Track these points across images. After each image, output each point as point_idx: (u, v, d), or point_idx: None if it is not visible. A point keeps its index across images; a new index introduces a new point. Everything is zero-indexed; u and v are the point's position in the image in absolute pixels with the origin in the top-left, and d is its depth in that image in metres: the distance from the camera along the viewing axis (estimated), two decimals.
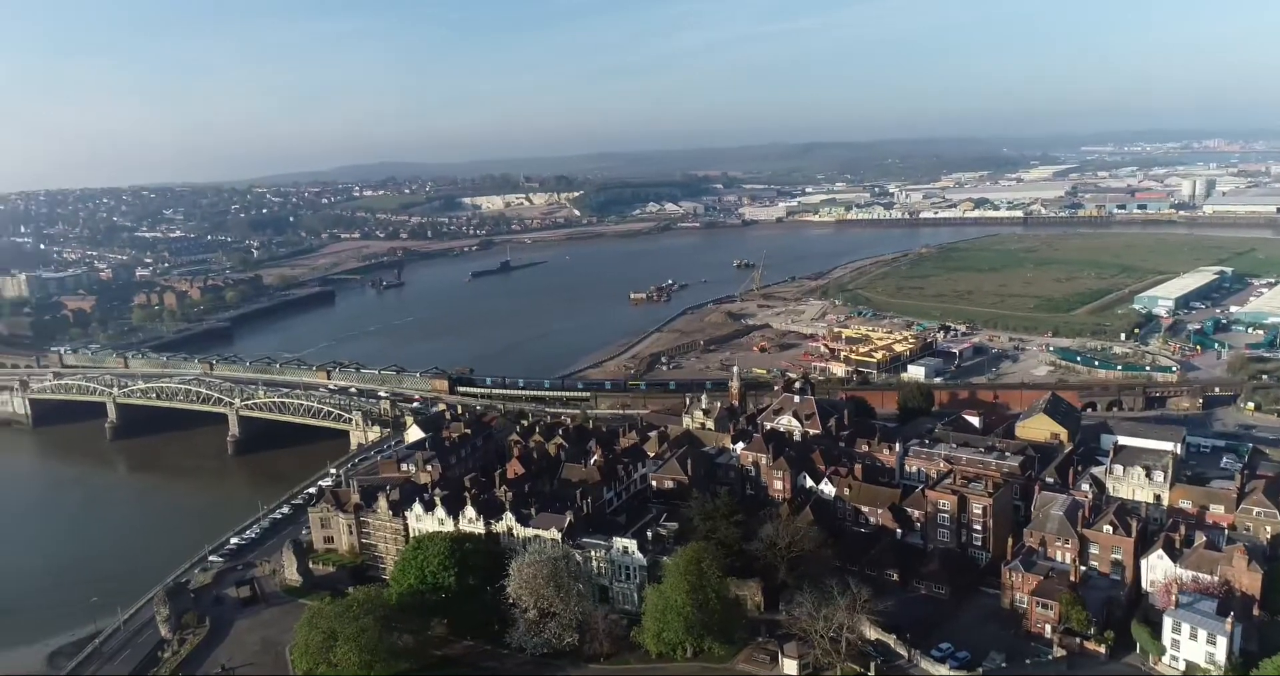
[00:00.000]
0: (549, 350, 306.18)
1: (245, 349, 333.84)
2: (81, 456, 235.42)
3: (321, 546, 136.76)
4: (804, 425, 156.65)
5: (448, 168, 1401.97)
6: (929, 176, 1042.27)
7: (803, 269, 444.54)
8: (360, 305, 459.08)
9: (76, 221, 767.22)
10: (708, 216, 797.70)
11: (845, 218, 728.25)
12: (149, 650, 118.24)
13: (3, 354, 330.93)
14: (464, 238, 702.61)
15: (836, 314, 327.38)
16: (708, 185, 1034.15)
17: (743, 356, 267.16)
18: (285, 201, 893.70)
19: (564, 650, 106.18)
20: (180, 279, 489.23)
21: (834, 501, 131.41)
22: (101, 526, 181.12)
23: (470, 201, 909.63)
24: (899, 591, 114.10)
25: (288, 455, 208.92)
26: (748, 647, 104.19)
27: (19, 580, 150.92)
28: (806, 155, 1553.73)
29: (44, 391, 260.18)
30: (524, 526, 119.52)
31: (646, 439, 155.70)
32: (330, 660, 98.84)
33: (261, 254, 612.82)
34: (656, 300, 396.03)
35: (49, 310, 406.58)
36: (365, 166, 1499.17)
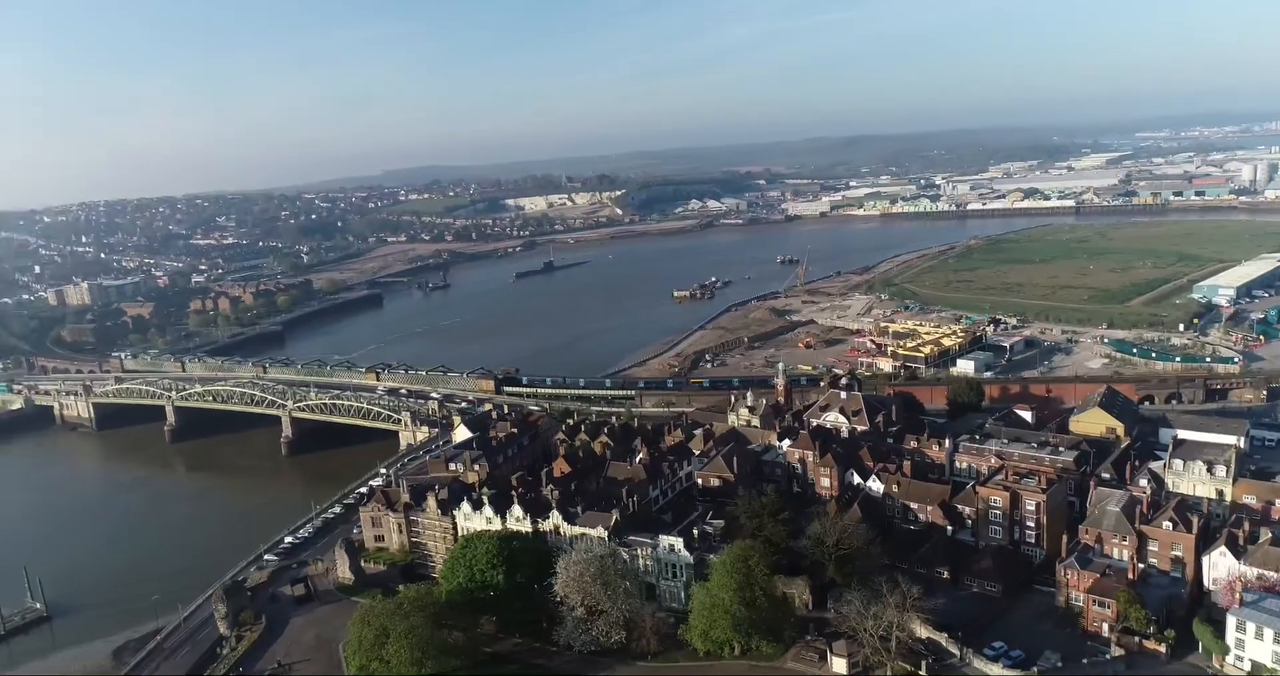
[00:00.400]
0: (593, 349, 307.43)
1: (297, 352, 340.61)
2: (143, 458, 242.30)
3: (372, 545, 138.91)
4: (851, 421, 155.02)
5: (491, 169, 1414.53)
6: (976, 167, 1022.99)
7: (848, 264, 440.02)
8: (407, 307, 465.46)
9: (134, 230, 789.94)
10: (750, 213, 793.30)
11: (890, 211, 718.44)
12: (208, 646, 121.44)
13: (68, 360, 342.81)
14: (508, 239, 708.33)
15: (883, 309, 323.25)
16: (750, 181, 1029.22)
17: (788, 353, 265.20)
18: (333, 207, 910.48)
19: (611, 647, 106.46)
20: (233, 284, 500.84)
21: (882, 498, 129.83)
22: (162, 526, 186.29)
23: (513, 203, 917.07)
24: (950, 589, 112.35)
25: (339, 455, 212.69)
26: (796, 646, 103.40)
27: (86, 578, 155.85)
28: (850, 149, 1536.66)
29: (106, 395, 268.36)
30: (570, 525, 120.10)
31: (692, 436, 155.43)
32: (382, 657, 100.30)
33: (311, 258, 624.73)
34: (700, 298, 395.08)
35: (110, 317, 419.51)
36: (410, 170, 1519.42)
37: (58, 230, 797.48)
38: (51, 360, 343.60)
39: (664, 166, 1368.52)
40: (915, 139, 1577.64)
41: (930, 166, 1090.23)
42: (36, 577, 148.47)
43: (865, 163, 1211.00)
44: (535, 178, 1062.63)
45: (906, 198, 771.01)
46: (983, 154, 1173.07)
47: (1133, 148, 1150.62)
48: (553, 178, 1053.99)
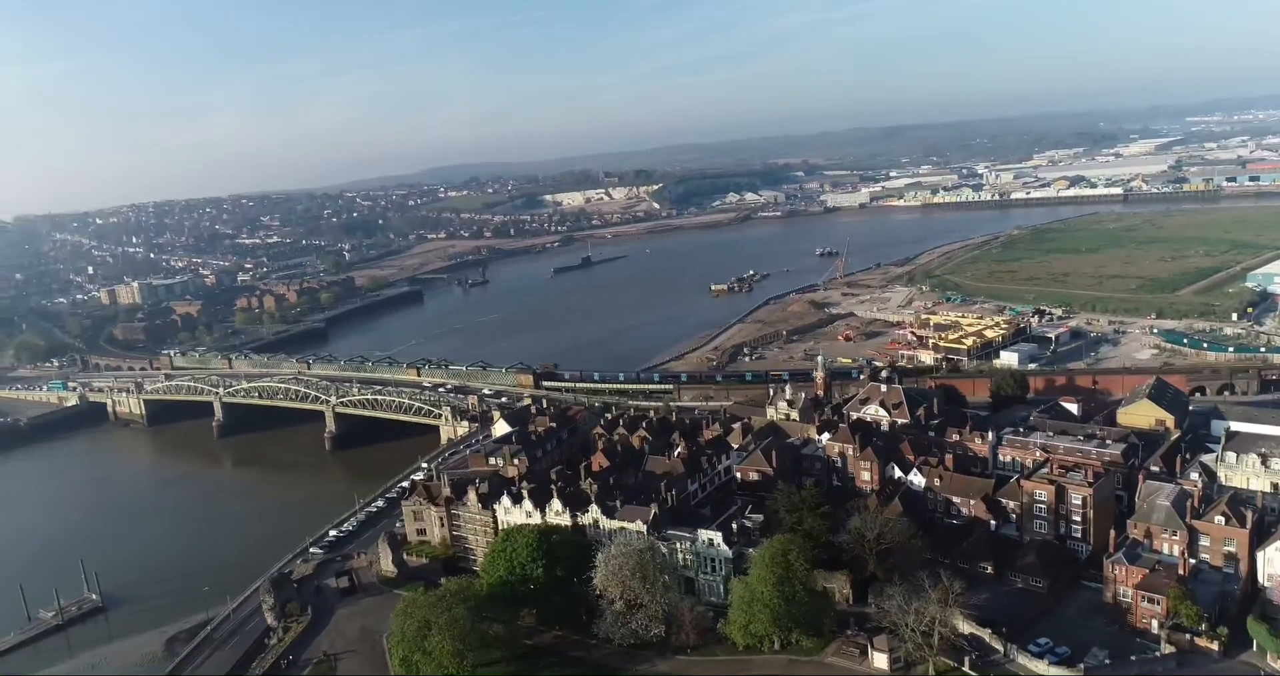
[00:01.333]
0: (631, 343, 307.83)
1: (339, 348, 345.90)
2: (192, 453, 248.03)
3: (415, 538, 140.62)
4: (892, 414, 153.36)
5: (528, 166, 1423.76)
6: (1020, 155, 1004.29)
7: (888, 255, 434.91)
8: (447, 303, 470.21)
9: (182, 230, 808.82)
10: (788, 205, 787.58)
11: (931, 201, 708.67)
12: (256, 637, 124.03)
13: (120, 358, 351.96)
14: (545, 234, 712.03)
15: (924, 300, 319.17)
16: (788, 173, 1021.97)
17: (827, 346, 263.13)
18: (374, 205, 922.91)
19: (651, 641, 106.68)
20: (278, 283, 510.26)
21: (924, 492, 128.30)
22: (211, 519, 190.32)
23: (551, 198, 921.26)
24: (993, 584, 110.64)
25: (381, 450, 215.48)
26: (836, 640, 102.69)
27: (139, 570, 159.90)
28: (890, 139, 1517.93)
29: (157, 392, 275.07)
30: (609, 518, 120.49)
31: (730, 430, 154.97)
32: (425, 648, 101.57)
33: (353, 256, 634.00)
34: (738, 291, 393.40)
35: (159, 315, 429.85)
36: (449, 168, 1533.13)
37: (109, 231, 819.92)
38: (105, 358, 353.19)
39: (703, 160, 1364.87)
40: (957, 127, 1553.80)
41: (972, 155, 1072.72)
42: (93, 570, 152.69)
43: (906, 152, 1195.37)
44: (573, 173, 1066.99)
45: (948, 187, 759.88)
46: (1027, 142, 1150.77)
47: (1183, 133, 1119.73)
48: (590, 173, 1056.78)
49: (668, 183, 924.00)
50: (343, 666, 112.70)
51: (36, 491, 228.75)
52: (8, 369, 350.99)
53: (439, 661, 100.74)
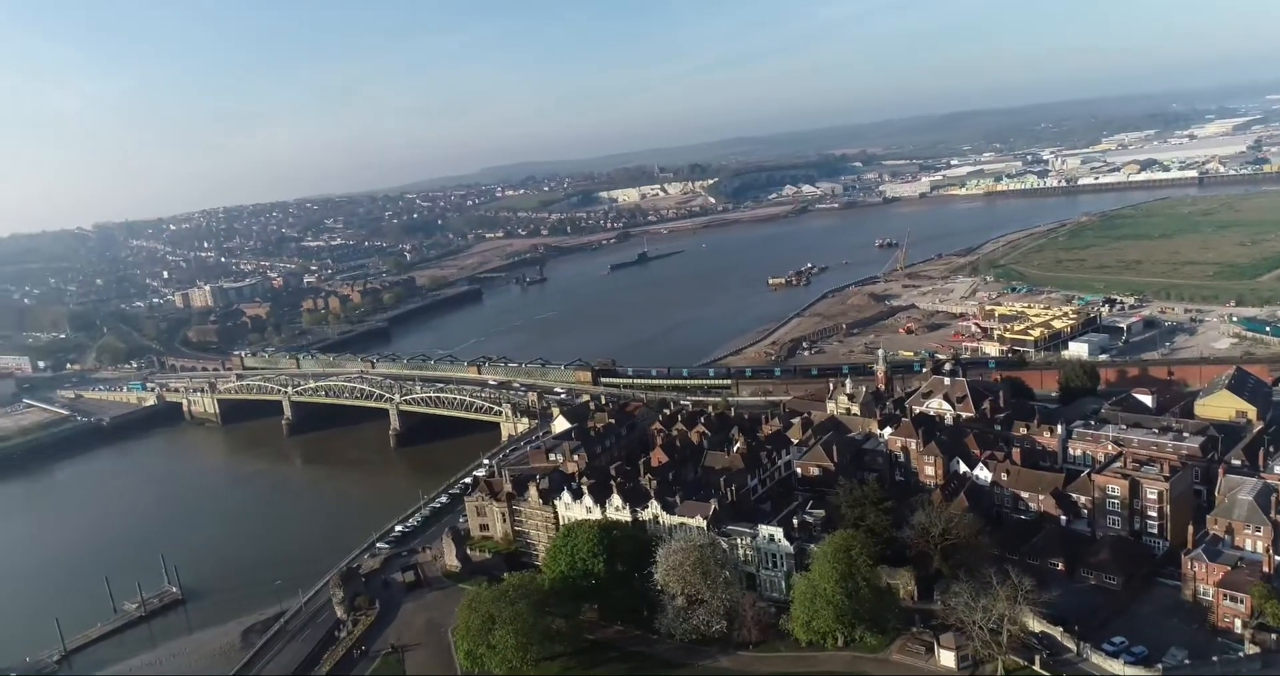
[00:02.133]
0: (688, 339, 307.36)
1: (402, 347, 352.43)
2: (263, 451, 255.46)
3: (478, 534, 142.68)
4: (956, 408, 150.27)
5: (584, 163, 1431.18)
6: (1087, 140, 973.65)
7: (949, 246, 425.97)
8: (506, 302, 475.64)
9: (250, 235, 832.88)
10: (846, 196, 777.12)
11: (995, 189, 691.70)
12: (327, 629, 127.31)
13: (194, 359, 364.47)
14: (602, 231, 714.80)
15: (988, 291, 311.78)
16: (846, 164, 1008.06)
17: (888, 339, 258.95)
18: (434, 206, 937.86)
19: (713, 637, 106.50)
20: (342, 284, 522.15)
21: (990, 487, 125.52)
22: (282, 515, 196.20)
23: (606, 195, 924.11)
24: (1064, 582, 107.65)
25: (444, 447, 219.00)
26: (901, 637, 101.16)
27: (215, 564, 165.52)
28: (951, 126, 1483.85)
29: (229, 392, 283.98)
30: (669, 514, 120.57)
31: (790, 425, 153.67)
32: (489, 642, 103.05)
33: (414, 257, 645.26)
34: (796, 284, 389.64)
35: (230, 317, 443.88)
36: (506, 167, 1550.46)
37: (182, 237, 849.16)
38: (180, 359, 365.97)
39: (759, 153, 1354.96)
40: (1020, 113, 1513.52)
41: (1037, 141, 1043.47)
42: (172, 563, 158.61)
43: (967, 140, 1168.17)
44: (628, 169, 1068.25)
45: (1012, 175, 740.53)
46: (1094, 126, 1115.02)
47: (1262, 111, 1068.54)
48: (645, 169, 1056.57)
49: (723, 176, 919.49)
50: (410, 659, 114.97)
51: (119, 488, 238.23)
52: (91, 370, 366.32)
53: (503, 655, 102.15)
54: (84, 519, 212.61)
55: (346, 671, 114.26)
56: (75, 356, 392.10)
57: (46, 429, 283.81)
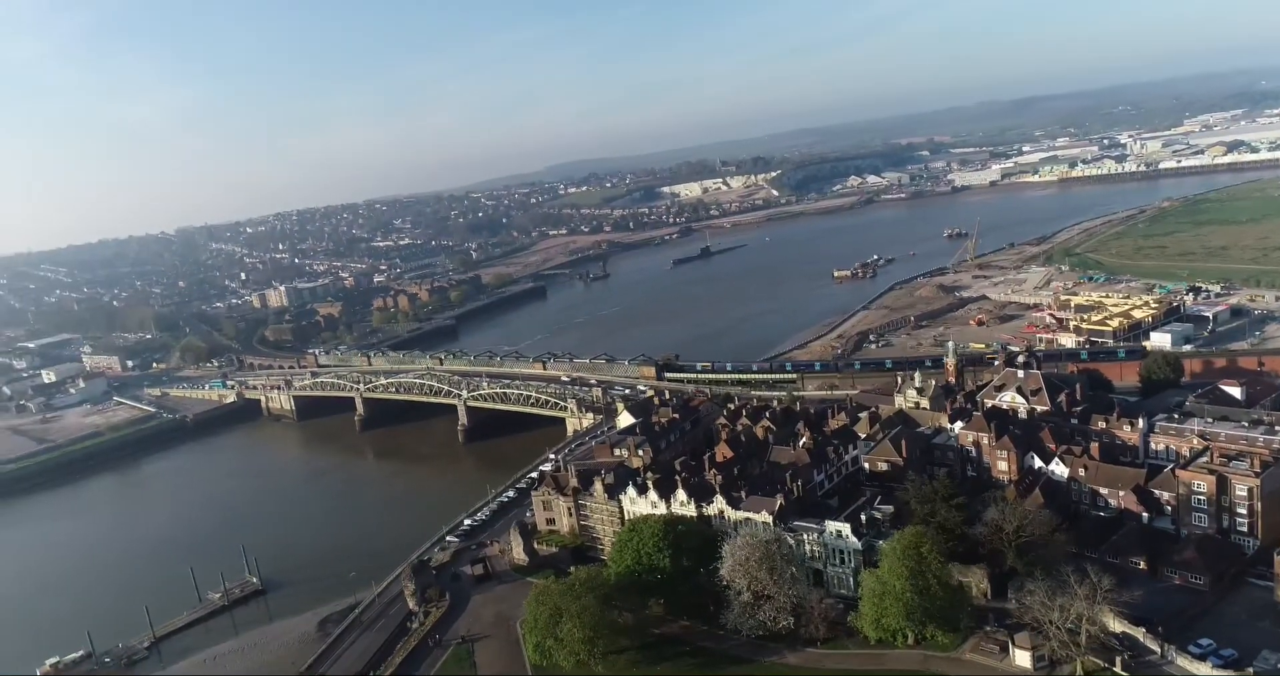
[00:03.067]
0: (753, 333, 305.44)
1: (468, 344, 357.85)
2: (337, 446, 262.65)
3: (544, 528, 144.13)
4: (1030, 401, 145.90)
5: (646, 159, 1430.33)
6: (1169, 121, 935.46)
7: (1022, 234, 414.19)
8: (569, 298, 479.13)
9: (322, 236, 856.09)
10: (913, 186, 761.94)
11: (1069, 175, 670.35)
12: (399, 620, 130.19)
13: (270, 357, 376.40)
14: (664, 226, 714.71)
15: (1063, 281, 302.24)
16: (912, 153, 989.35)
17: (958, 331, 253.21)
18: (498, 204, 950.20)
19: (779, 633, 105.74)
20: (411, 282, 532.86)
21: (1067, 483, 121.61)
22: (356, 508, 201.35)
23: (668, 190, 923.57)
24: (1147, 581, 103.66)
25: (511, 442, 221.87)
26: (975, 636, 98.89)
27: (293, 556, 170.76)
28: (1022, 112, 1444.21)
29: (304, 389, 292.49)
30: (735, 509, 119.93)
31: (857, 420, 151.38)
32: (557, 635, 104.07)
33: (480, 255, 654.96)
34: (862, 277, 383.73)
35: (305, 317, 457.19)
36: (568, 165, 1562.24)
37: (259, 239, 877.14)
38: (257, 358, 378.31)
39: (823, 143, 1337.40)
40: (1096, 96, 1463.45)
41: (1114, 124, 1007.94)
42: (253, 555, 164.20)
43: (1039, 125, 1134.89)
44: (689, 164, 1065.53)
45: (1087, 160, 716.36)
46: (1176, 107, 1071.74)
47: None
48: (707, 163, 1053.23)
49: (786, 169, 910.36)
50: (480, 650, 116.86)
51: (202, 481, 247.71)
52: (175, 369, 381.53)
53: (571, 648, 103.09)
54: (170, 511, 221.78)
55: (420, 660, 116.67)
56: (161, 356, 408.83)
57: (135, 425, 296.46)
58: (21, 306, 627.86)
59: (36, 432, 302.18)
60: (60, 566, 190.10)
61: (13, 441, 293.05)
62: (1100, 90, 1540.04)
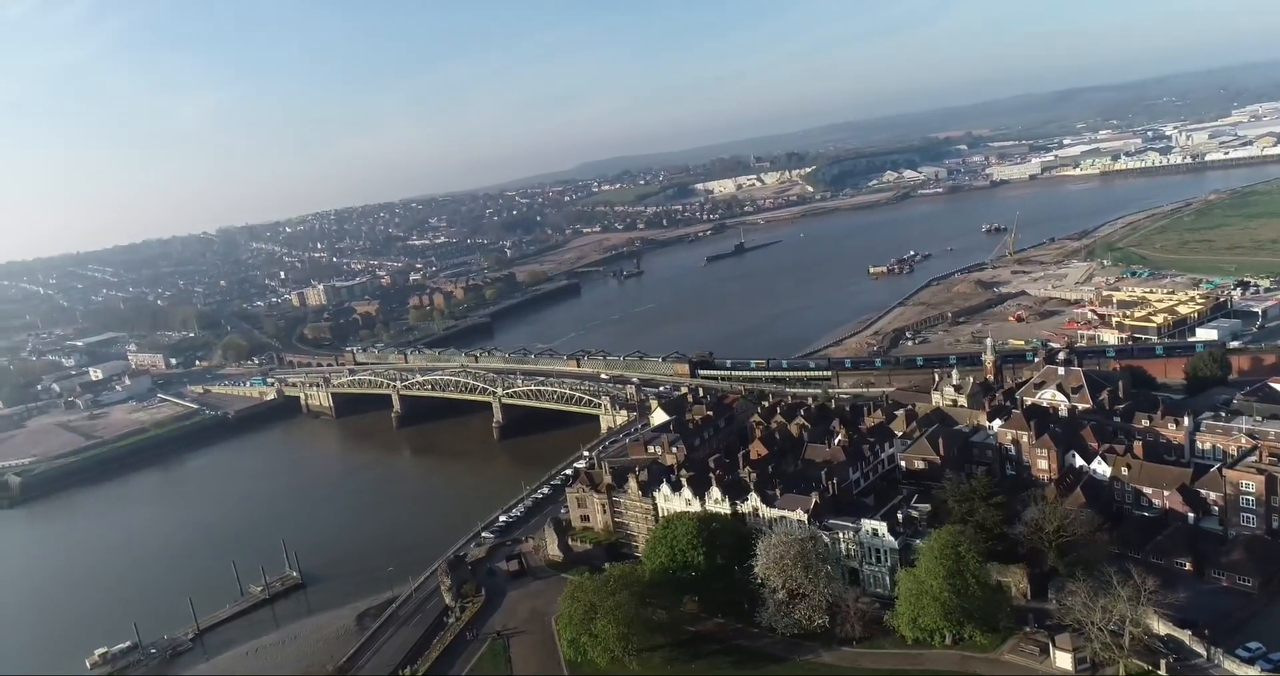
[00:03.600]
0: (787, 330, 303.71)
1: (503, 342, 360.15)
2: (374, 443, 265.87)
3: (579, 524, 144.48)
4: (1071, 399, 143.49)
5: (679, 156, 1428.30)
6: (1216, 112, 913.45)
7: (1062, 229, 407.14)
8: (603, 295, 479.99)
9: (360, 235, 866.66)
10: (951, 180, 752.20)
11: (1112, 168, 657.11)
12: (436, 615, 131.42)
13: (309, 355, 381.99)
14: (697, 223, 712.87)
15: (1105, 276, 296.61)
16: (949, 147, 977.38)
17: (997, 327, 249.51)
18: (532, 202, 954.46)
19: (815, 631, 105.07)
20: (446, 281, 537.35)
21: (1109, 482, 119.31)
22: (393, 503, 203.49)
23: (702, 187, 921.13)
24: (1193, 582, 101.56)
25: (545, 439, 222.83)
26: (1014, 637, 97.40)
27: (332, 550, 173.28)
28: (1062, 104, 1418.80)
29: (342, 386, 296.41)
30: (769, 507, 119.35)
31: (893, 417, 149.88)
32: (591, 631, 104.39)
33: (514, 253, 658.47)
34: (898, 273, 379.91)
35: (342, 315, 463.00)
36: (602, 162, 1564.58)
37: (298, 239, 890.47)
38: (297, 355, 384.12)
39: (858, 139, 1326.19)
40: (1139, 87, 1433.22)
41: (1159, 116, 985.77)
42: (293, 549, 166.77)
43: (1080, 117, 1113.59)
44: (723, 160, 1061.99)
45: (1130, 153, 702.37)
46: (1224, 97, 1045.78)
47: None
48: (741, 159, 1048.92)
49: (821, 164, 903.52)
50: (515, 645, 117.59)
51: (244, 476, 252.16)
52: (217, 367, 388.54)
53: (605, 644, 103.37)
54: (212, 506, 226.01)
55: (456, 655, 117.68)
56: (203, 354, 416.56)
57: (179, 421, 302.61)
58: (70, 305, 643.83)
59: (85, 428, 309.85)
60: (108, 559, 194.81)
61: (62, 437, 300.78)
62: (1144, 81, 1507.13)
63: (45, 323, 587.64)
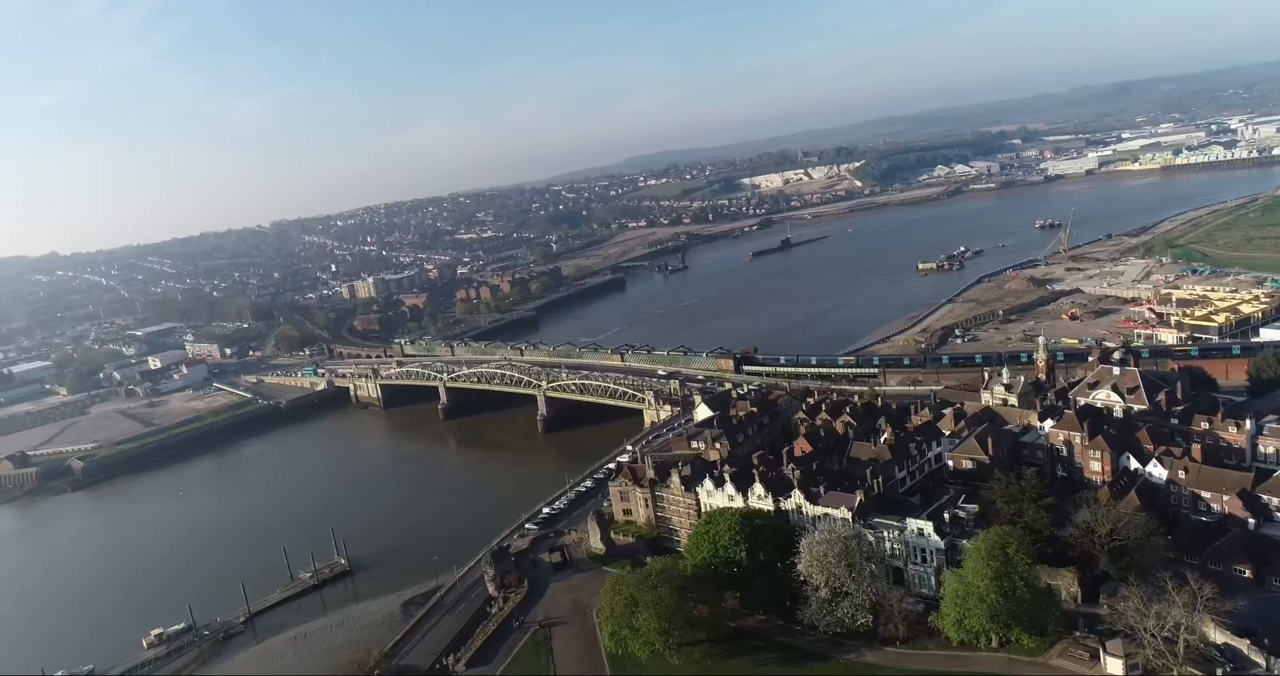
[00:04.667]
0: (833, 326, 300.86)
1: (548, 335, 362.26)
2: (421, 434, 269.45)
3: (621, 518, 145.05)
4: (1126, 400, 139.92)
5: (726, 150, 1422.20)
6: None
7: (1119, 225, 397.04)
8: (648, 290, 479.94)
9: (408, 229, 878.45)
10: (1003, 175, 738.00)
11: (1173, 163, 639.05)
12: (479, 604, 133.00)
13: (358, 346, 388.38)
14: (743, 218, 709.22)
15: (1164, 273, 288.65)
16: (1003, 141, 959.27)
17: (1049, 325, 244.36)
18: (578, 197, 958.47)
19: (857, 630, 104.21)
20: (493, 274, 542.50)
21: (1165, 485, 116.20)
22: (438, 494, 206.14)
23: (749, 182, 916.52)
24: (1253, 590, 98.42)
25: (589, 432, 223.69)
26: (1063, 641, 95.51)
27: (379, 538, 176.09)
28: (1121, 96, 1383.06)
29: (390, 378, 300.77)
30: (813, 504, 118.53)
31: (941, 416, 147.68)
32: (632, 624, 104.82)
33: (560, 247, 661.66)
34: (947, 269, 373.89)
35: (391, 307, 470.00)
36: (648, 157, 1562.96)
37: (348, 233, 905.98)
38: (346, 347, 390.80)
39: (909, 133, 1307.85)
40: (1203, 79, 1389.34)
41: (1224, 108, 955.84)
42: (341, 537, 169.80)
43: (1140, 111, 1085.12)
44: (770, 155, 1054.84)
45: (1193, 147, 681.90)
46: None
47: None
48: (788, 153, 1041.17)
49: (870, 158, 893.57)
50: (556, 636, 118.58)
51: (294, 465, 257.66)
52: (269, 357, 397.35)
53: (646, 638, 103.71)
54: (264, 493, 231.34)
55: (499, 644, 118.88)
56: (256, 344, 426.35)
57: (233, 410, 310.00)
58: (131, 296, 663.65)
59: (144, 416, 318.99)
60: (164, 543, 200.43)
61: (123, 424, 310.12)
62: (1208, 73, 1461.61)
63: (107, 312, 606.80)
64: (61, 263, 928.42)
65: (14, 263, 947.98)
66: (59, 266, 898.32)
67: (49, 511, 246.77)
